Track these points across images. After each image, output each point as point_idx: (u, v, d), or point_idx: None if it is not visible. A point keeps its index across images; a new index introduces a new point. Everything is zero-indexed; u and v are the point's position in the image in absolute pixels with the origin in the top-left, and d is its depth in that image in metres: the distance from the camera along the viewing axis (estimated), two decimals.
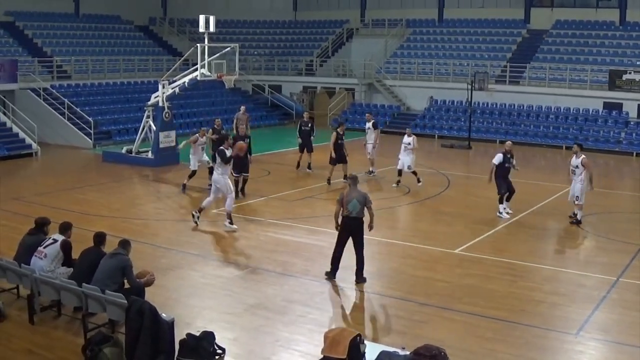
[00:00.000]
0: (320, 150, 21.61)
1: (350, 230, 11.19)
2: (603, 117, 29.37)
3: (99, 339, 8.26)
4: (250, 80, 37.05)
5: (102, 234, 9.88)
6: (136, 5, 38.33)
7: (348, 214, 11.05)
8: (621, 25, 32.96)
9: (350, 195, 11.10)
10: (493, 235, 14.58)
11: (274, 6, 42.54)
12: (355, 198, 11.06)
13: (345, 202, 11.06)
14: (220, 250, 13.76)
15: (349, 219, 11.09)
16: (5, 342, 8.87)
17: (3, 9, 32.47)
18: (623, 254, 13.22)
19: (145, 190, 19.71)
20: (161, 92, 22.24)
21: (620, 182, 22.77)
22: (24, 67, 28.40)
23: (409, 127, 22.68)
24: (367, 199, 11.16)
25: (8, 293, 10.30)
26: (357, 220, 11.10)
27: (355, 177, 11.65)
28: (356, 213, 11.04)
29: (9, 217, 15.18)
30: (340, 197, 11.21)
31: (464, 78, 31.77)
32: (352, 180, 11.51)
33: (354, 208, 11.02)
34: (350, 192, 11.20)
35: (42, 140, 25.66)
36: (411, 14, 38.32)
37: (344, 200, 11.07)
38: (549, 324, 9.79)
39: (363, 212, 11.13)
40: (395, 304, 10.64)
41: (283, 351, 8.92)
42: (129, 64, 33.41)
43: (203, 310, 10.22)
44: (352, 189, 11.28)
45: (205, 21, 21.24)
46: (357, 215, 11.06)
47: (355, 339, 7.41)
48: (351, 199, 11.04)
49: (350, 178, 11.68)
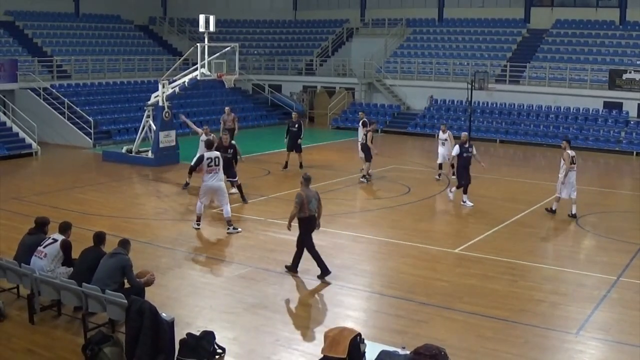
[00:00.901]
0: (318, 151, 21.57)
1: (312, 228, 11.68)
2: (603, 116, 29.36)
3: (99, 339, 8.26)
4: (250, 80, 37.07)
5: (101, 234, 9.87)
6: (136, 5, 38.33)
7: (310, 213, 11.51)
8: (621, 25, 32.96)
9: (309, 195, 11.55)
10: (493, 235, 14.57)
11: (274, 6, 42.54)
12: (313, 197, 11.59)
13: (306, 203, 11.44)
14: (220, 250, 13.76)
15: (312, 218, 11.60)
16: (5, 342, 8.87)
17: (3, 9, 32.48)
18: (623, 253, 13.22)
19: (145, 190, 19.71)
20: (161, 92, 22.24)
21: (620, 182, 22.76)
22: (24, 67, 28.41)
23: (444, 123, 22.99)
24: (319, 197, 11.75)
25: (8, 293, 10.30)
26: (315, 217, 11.67)
27: (309, 177, 11.94)
28: (314, 211, 11.61)
29: (9, 217, 15.19)
30: (299, 199, 11.44)
31: (464, 78, 31.76)
32: (306, 181, 11.81)
33: (314, 207, 11.57)
34: (308, 192, 11.62)
35: (42, 140, 25.67)
36: (411, 14, 38.33)
37: (305, 201, 11.42)
38: (549, 323, 9.79)
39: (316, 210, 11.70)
40: (395, 304, 10.63)
41: (283, 351, 8.92)
42: (129, 64, 33.41)
43: (203, 310, 10.22)
44: (307, 189, 11.68)
45: (205, 21, 21.24)
46: (315, 212, 11.65)
47: (355, 338, 7.41)
48: (310, 199, 11.52)
49: (304, 178, 11.92)
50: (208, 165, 14.19)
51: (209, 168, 14.20)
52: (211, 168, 14.20)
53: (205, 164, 14.21)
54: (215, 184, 14.26)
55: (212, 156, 14.32)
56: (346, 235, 14.39)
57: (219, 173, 14.36)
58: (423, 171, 21.86)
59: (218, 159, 14.41)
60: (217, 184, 14.29)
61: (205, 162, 14.21)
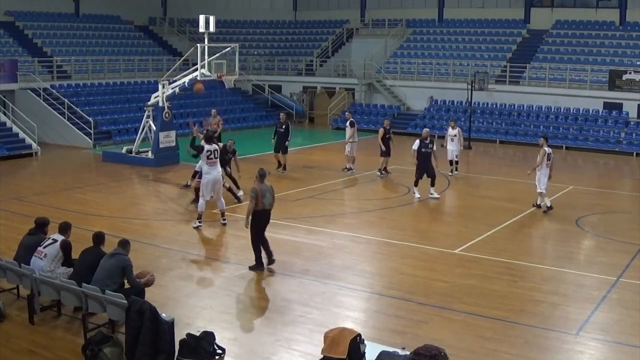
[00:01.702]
0: (318, 151, 21.56)
1: (266, 222, 11.97)
2: (603, 117, 29.36)
3: (99, 339, 8.26)
4: (250, 80, 37.07)
5: (101, 234, 9.88)
6: (136, 5, 38.31)
7: (263, 207, 11.76)
8: (621, 25, 32.96)
9: (263, 190, 11.79)
10: (493, 235, 14.57)
11: (274, 6, 42.56)
12: (267, 192, 11.84)
13: (260, 197, 11.66)
14: (220, 251, 13.77)
15: (266, 212, 11.86)
16: (5, 342, 8.87)
17: (3, 9, 32.46)
18: (623, 253, 13.22)
19: (145, 190, 19.71)
20: (161, 92, 22.24)
21: (620, 182, 22.76)
22: (24, 67, 28.41)
23: (453, 119, 23.81)
24: (274, 191, 12.03)
25: (8, 293, 10.30)
26: (269, 212, 11.96)
27: (265, 173, 12.18)
28: (269, 205, 11.88)
29: (9, 217, 15.19)
30: (254, 193, 11.70)
31: (464, 78, 31.78)
32: (261, 176, 12.03)
33: (268, 201, 11.83)
34: (262, 187, 11.85)
35: (42, 140, 25.68)
36: (411, 14, 38.33)
37: (259, 196, 11.63)
38: (548, 323, 9.79)
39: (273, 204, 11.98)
40: (395, 304, 10.64)
41: (283, 351, 8.92)
42: (129, 64, 33.41)
43: (203, 310, 10.22)
44: (263, 184, 11.92)
45: (205, 21, 21.24)
46: (270, 207, 11.91)
47: (355, 339, 7.41)
48: (265, 193, 11.78)
49: (259, 174, 12.11)
50: (208, 157, 14.62)
51: (209, 160, 14.64)
52: (211, 160, 14.65)
53: (204, 156, 14.63)
54: (216, 175, 14.70)
55: (212, 149, 14.71)
56: (346, 236, 14.39)
57: (217, 165, 14.78)
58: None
59: (217, 151, 14.86)
60: (217, 176, 14.74)
61: (205, 154, 14.61)
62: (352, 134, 21.31)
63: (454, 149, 21.22)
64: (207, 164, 14.63)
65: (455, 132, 21.26)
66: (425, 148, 17.76)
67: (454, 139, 21.21)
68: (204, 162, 14.73)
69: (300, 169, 21.74)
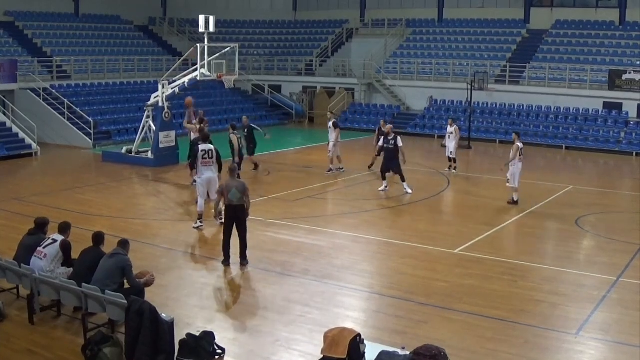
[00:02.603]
0: (318, 151, 21.56)
1: (233, 217, 12.02)
2: (603, 117, 29.36)
3: (98, 339, 8.26)
4: (250, 80, 37.07)
5: (100, 234, 9.87)
6: (136, 5, 38.31)
7: (229, 202, 11.91)
8: (621, 25, 32.96)
9: (229, 185, 11.98)
10: (493, 235, 14.57)
11: (274, 6, 42.56)
12: (234, 187, 11.94)
13: (226, 192, 11.88)
14: (220, 251, 13.73)
15: (231, 207, 11.97)
16: (5, 342, 8.87)
17: (3, 9, 32.46)
18: (623, 253, 13.21)
19: (145, 190, 19.70)
20: (161, 92, 22.25)
21: (620, 182, 22.75)
22: (24, 67, 28.41)
23: (451, 117, 24.57)
24: (245, 188, 12.06)
25: (8, 293, 10.29)
26: (238, 207, 11.96)
27: (235, 168, 12.60)
28: (237, 201, 11.91)
29: (9, 217, 15.18)
30: (220, 188, 12.08)
31: (463, 78, 31.77)
32: (231, 171, 12.30)
33: (234, 196, 11.89)
34: (230, 182, 12.09)
35: (42, 140, 25.67)
36: (411, 14, 38.33)
37: (225, 191, 11.90)
38: (549, 323, 9.79)
39: (243, 200, 12.00)
40: (395, 304, 10.63)
41: (283, 351, 8.91)
42: (128, 64, 33.41)
43: (203, 310, 10.22)
44: (232, 179, 12.17)
45: (205, 21, 21.24)
46: (238, 202, 11.93)
47: (355, 339, 7.41)
48: (231, 189, 11.92)
49: (229, 169, 12.42)
50: (202, 158, 14.62)
51: (204, 160, 14.66)
52: (205, 160, 14.67)
53: (199, 156, 14.62)
54: (210, 175, 14.73)
55: (207, 149, 14.72)
56: (346, 236, 14.39)
57: (212, 165, 14.78)
58: (422, 171, 21.86)
59: (212, 151, 14.81)
60: (212, 175, 14.76)
61: (200, 154, 14.60)
62: (337, 135, 20.98)
63: (449, 146, 21.58)
64: (202, 164, 14.63)
65: (452, 129, 21.52)
66: (387, 144, 18.04)
67: (450, 136, 21.55)
68: (199, 163, 14.67)
69: (300, 169, 21.73)
